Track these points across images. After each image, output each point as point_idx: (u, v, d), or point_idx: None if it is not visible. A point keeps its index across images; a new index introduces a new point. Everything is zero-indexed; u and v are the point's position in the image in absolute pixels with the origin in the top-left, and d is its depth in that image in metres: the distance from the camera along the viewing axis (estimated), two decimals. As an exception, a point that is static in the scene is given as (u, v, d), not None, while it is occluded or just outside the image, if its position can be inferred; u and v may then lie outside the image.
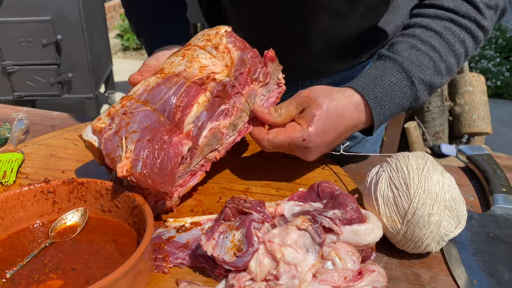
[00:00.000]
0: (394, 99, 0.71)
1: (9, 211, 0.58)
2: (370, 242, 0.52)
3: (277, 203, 0.57)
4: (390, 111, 0.72)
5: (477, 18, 0.73)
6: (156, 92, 0.65)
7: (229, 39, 0.70)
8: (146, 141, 0.60)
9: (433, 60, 0.72)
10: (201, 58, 0.68)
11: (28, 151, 0.82)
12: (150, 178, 0.59)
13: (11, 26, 2.58)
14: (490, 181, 0.76)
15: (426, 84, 0.73)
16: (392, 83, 0.71)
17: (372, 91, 0.70)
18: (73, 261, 0.54)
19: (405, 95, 0.72)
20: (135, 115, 0.63)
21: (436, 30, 0.73)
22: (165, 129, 0.62)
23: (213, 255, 0.51)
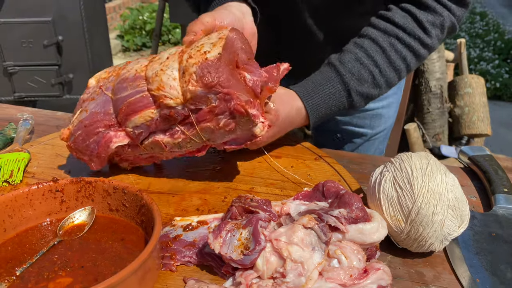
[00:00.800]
0: (331, 107, 0.82)
1: (18, 210, 0.58)
2: (375, 240, 0.53)
3: (283, 202, 0.58)
4: (326, 115, 0.83)
5: (421, 37, 0.80)
6: (122, 85, 0.69)
7: (201, 70, 0.61)
8: (84, 125, 0.70)
9: (372, 75, 0.81)
10: (168, 75, 0.64)
11: (34, 150, 0.82)
12: (76, 151, 0.73)
13: (12, 27, 2.58)
14: (492, 181, 0.77)
15: (363, 95, 0.82)
16: (331, 93, 0.81)
17: (311, 98, 0.80)
18: (81, 259, 0.55)
19: (341, 104, 0.82)
20: (99, 96, 0.72)
21: (381, 46, 0.81)
22: (105, 122, 0.70)
23: (221, 253, 0.51)
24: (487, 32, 5.55)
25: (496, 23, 6.05)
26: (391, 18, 0.81)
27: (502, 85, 4.12)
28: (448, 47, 4.12)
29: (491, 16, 6.47)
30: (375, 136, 1.08)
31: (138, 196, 0.58)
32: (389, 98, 1.05)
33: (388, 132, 1.13)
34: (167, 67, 0.65)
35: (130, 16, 5.09)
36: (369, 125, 1.06)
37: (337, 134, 1.08)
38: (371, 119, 1.05)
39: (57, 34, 2.64)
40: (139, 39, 4.96)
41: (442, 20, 0.80)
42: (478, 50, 4.92)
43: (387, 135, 1.14)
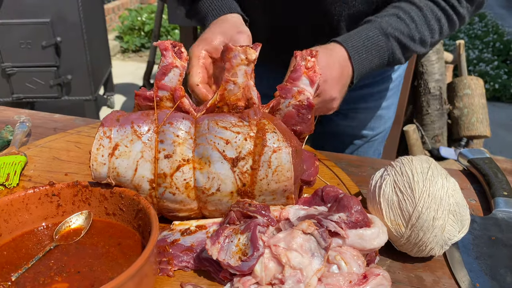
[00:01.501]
0: (371, 50, 0.80)
1: (14, 214, 0.58)
2: (375, 246, 0.53)
3: (282, 207, 0.58)
4: (368, 62, 0.81)
5: (454, 4, 0.84)
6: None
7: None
8: None
9: (409, 27, 0.83)
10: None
11: (30, 153, 0.82)
12: None
13: (11, 28, 2.58)
14: (491, 184, 0.76)
15: (401, 43, 0.83)
16: (369, 37, 0.80)
17: (351, 40, 0.79)
18: (78, 264, 0.54)
19: (381, 48, 0.81)
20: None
21: (417, 5, 0.84)
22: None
23: (218, 259, 0.51)
24: (486, 33, 5.55)
25: (495, 24, 6.05)
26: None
27: (501, 86, 4.12)
28: (447, 49, 4.12)
29: (490, 17, 6.48)
30: (374, 138, 1.09)
31: (135, 201, 0.58)
32: (389, 99, 1.06)
33: (386, 133, 1.15)
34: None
35: (128, 17, 5.09)
36: (370, 126, 1.07)
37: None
38: (371, 120, 1.06)
39: (55, 35, 2.63)
40: (138, 40, 4.96)
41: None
42: (477, 51, 4.92)
43: (385, 136, 1.15)
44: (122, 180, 0.59)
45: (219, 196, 0.59)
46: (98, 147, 0.58)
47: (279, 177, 0.57)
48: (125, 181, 0.59)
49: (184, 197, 0.59)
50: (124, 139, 0.58)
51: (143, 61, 4.72)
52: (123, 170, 0.58)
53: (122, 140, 0.58)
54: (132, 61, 4.80)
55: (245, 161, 0.58)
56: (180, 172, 0.58)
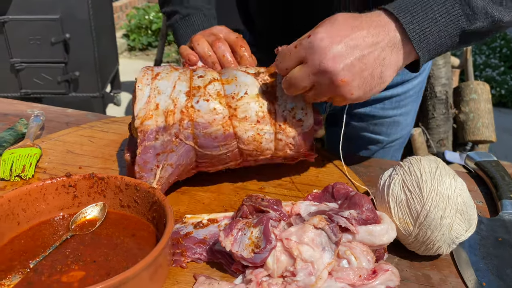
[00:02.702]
0: (431, 5, 0.57)
1: (31, 203, 0.59)
2: (384, 242, 0.54)
3: (293, 202, 0.59)
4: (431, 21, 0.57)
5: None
6: (212, 143, 0.67)
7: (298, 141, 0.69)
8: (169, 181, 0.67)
9: None
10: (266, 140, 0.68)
11: (45, 146, 0.83)
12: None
13: (21, 24, 2.60)
14: (498, 187, 0.77)
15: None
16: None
17: (393, 4, 0.58)
18: (93, 253, 0.55)
19: (452, 8, 0.57)
20: (180, 147, 0.66)
21: None
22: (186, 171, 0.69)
23: (232, 251, 0.52)
24: (493, 39, 5.54)
25: (502, 30, 6.04)
26: None
27: (507, 92, 4.12)
28: (454, 53, 4.12)
29: (496, 23, 6.46)
30: (390, 144, 1.06)
31: (150, 193, 0.59)
32: (408, 105, 1.03)
33: (405, 140, 1.10)
34: (262, 131, 0.67)
35: (136, 16, 5.12)
36: (386, 132, 1.04)
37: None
38: (388, 126, 1.03)
39: (64, 32, 2.66)
40: (145, 38, 4.99)
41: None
42: (483, 57, 4.92)
43: (403, 144, 1.11)
44: (162, 97, 0.65)
45: (247, 99, 0.66)
46: (144, 74, 0.67)
47: None
48: (164, 97, 0.66)
49: (216, 104, 0.66)
50: (164, 71, 0.69)
51: (149, 60, 4.74)
52: (163, 88, 0.66)
53: (163, 71, 0.69)
54: (139, 59, 4.83)
55: (265, 74, 0.69)
56: (212, 85, 0.67)
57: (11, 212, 0.57)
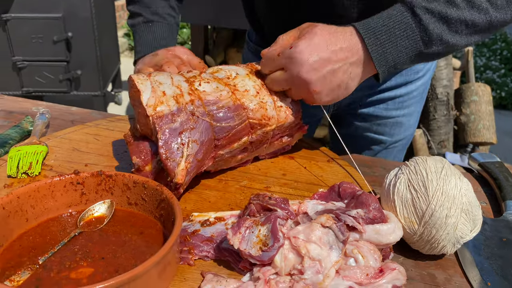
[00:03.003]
0: (394, 30, 0.65)
1: (40, 200, 0.59)
2: (391, 241, 0.54)
3: (300, 201, 0.59)
4: (393, 44, 0.66)
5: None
6: (226, 114, 0.70)
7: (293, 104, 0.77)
8: (197, 159, 0.66)
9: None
10: (268, 106, 0.74)
11: (51, 144, 0.83)
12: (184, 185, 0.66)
13: (23, 22, 2.61)
14: (502, 188, 0.78)
15: (434, 13, 0.65)
16: (391, 15, 0.66)
17: (363, 23, 0.67)
18: (102, 250, 0.56)
19: (408, 26, 0.65)
20: (199, 123, 0.67)
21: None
22: (210, 151, 0.70)
23: (240, 249, 0.53)
24: (494, 41, 5.56)
25: (503, 33, 6.05)
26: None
27: (508, 94, 4.13)
28: (455, 55, 4.13)
29: (497, 25, 6.47)
30: (394, 144, 1.07)
31: (158, 191, 0.59)
32: (411, 106, 1.03)
33: (408, 141, 1.11)
34: (264, 100, 0.74)
35: (138, 15, 5.11)
36: (389, 132, 1.04)
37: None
38: (391, 126, 1.04)
39: (66, 31, 2.66)
40: (146, 38, 4.98)
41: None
42: (484, 59, 4.93)
43: (406, 144, 1.12)
44: (165, 86, 0.68)
45: (240, 78, 0.74)
46: (137, 75, 0.70)
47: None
48: (168, 86, 0.68)
49: (217, 84, 0.71)
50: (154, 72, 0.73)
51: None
52: (163, 80, 0.69)
53: (153, 72, 0.73)
54: (140, 59, 4.82)
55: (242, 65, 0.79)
56: (204, 74, 0.74)
57: (20, 209, 0.58)
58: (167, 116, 0.64)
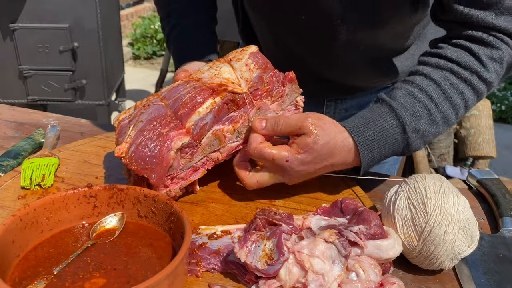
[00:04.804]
0: (385, 144, 0.74)
1: (54, 212, 0.62)
2: (391, 256, 0.57)
3: (304, 216, 0.62)
4: (380, 155, 0.75)
5: (478, 71, 0.74)
6: (173, 90, 0.76)
7: (252, 58, 0.76)
8: (145, 130, 0.70)
9: (428, 109, 0.74)
10: (223, 71, 0.75)
11: (62, 156, 0.86)
12: (136, 162, 0.68)
13: (30, 32, 2.65)
14: (499, 204, 0.80)
15: (419, 132, 0.74)
16: (384, 129, 0.73)
17: (362, 134, 0.72)
18: (113, 262, 0.58)
19: (396, 141, 0.74)
20: (149, 108, 0.75)
21: (435, 80, 0.74)
22: (166, 123, 0.71)
23: (246, 262, 0.55)
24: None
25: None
26: (442, 54, 0.76)
27: (508, 108, 4.16)
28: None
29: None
30: (385, 160, 1.09)
31: (168, 205, 0.62)
32: None
33: (399, 157, 1.11)
34: (219, 67, 0.76)
35: (141, 25, 5.18)
36: None
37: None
38: None
39: (73, 41, 2.71)
40: (150, 47, 5.04)
41: (501, 53, 0.74)
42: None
43: (398, 159, 1.14)
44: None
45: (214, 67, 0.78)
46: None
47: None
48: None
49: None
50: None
51: (154, 69, 4.80)
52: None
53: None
54: (144, 68, 4.88)
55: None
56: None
57: (36, 221, 0.60)
58: (124, 118, 0.76)
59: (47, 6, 2.61)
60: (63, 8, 2.64)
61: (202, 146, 0.73)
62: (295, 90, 0.78)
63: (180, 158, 0.71)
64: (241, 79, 0.74)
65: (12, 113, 1.09)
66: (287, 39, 0.95)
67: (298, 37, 0.94)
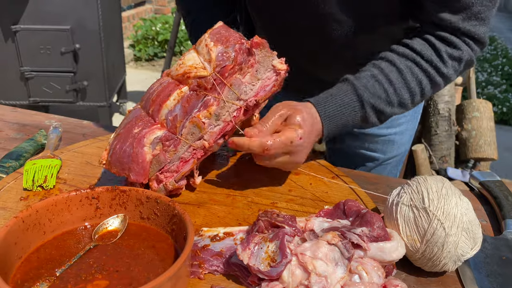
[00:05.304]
0: (345, 117, 0.82)
1: (57, 214, 0.62)
2: (394, 258, 0.56)
3: (307, 218, 0.62)
4: (340, 126, 0.83)
5: (438, 65, 0.83)
6: (147, 92, 0.78)
7: (211, 36, 0.74)
8: (119, 135, 0.73)
9: (386, 92, 0.83)
10: (188, 58, 0.75)
11: (64, 157, 0.86)
12: (115, 165, 0.71)
13: (32, 33, 2.66)
14: (502, 206, 0.80)
15: (376, 109, 0.83)
16: (345, 103, 0.82)
17: (324, 107, 0.81)
18: (116, 263, 0.58)
19: (355, 114, 0.83)
20: (129, 114, 0.78)
21: (398, 67, 0.83)
22: (138, 123, 0.73)
23: (249, 264, 0.55)
24: (495, 57, 5.61)
25: (505, 48, 6.11)
26: (410, 44, 0.84)
27: (509, 109, 4.16)
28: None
29: (500, 41, 6.54)
30: (387, 161, 1.11)
31: (170, 206, 0.62)
32: (402, 125, 1.07)
33: (402, 157, 1.15)
34: (185, 56, 0.75)
35: (143, 27, 5.19)
36: (381, 150, 1.09)
37: None
38: (383, 144, 1.08)
39: (74, 42, 2.71)
40: (151, 49, 5.05)
41: (461, 53, 0.83)
42: (486, 74, 4.97)
43: (400, 161, 1.15)
44: None
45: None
46: None
47: None
48: None
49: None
50: None
51: (155, 70, 4.80)
52: None
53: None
54: (145, 70, 4.89)
55: None
56: None
57: (38, 222, 0.60)
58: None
59: (48, 7, 2.62)
60: (64, 10, 2.64)
61: (183, 136, 0.72)
62: (267, 55, 0.73)
63: (164, 152, 0.71)
64: (204, 62, 0.73)
65: (15, 114, 1.10)
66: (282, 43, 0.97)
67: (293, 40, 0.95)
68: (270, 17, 0.96)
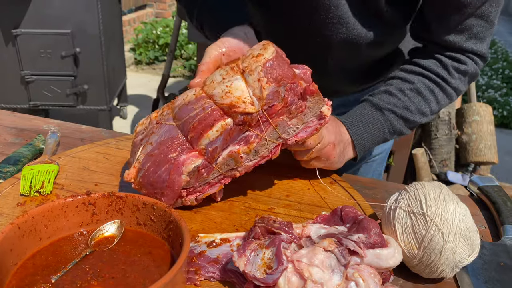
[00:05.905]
0: (368, 124, 0.88)
1: (53, 220, 0.62)
2: (391, 265, 0.56)
3: (304, 225, 0.61)
4: (368, 134, 0.88)
5: (445, 77, 0.89)
6: (184, 109, 0.72)
7: (265, 70, 0.68)
8: (153, 156, 0.71)
9: (401, 100, 0.89)
10: (235, 87, 0.69)
11: (62, 162, 0.86)
12: (146, 188, 0.71)
13: (33, 37, 2.67)
14: (500, 212, 0.80)
15: (397, 114, 0.89)
16: (363, 113, 0.89)
17: (346, 117, 0.89)
18: (112, 270, 0.58)
19: (378, 121, 0.89)
20: (161, 128, 0.73)
21: (409, 80, 0.90)
22: (175, 147, 0.70)
23: (245, 271, 0.55)
24: (496, 60, 5.61)
25: (505, 52, 6.11)
26: (417, 62, 0.91)
27: (509, 113, 4.15)
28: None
29: (500, 44, 6.55)
30: (372, 159, 1.14)
31: (167, 212, 0.62)
32: None
33: (386, 154, 1.19)
34: (231, 82, 0.69)
35: (143, 30, 5.20)
36: None
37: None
38: None
39: (75, 46, 2.72)
40: (152, 52, 5.06)
41: (466, 67, 0.89)
42: (486, 78, 4.97)
43: (385, 158, 1.20)
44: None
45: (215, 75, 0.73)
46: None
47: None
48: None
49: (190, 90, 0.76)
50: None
51: (156, 74, 4.81)
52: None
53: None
54: (146, 73, 4.90)
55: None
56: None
57: (34, 228, 0.60)
58: (139, 133, 0.77)
59: (49, 11, 2.63)
60: (65, 14, 2.65)
61: (218, 166, 0.71)
62: (318, 102, 0.72)
63: (196, 177, 0.71)
64: (253, 97, 0.68)
65: (13, 119, 1.10)
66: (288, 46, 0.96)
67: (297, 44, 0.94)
68: (278, 18, 0.95)
